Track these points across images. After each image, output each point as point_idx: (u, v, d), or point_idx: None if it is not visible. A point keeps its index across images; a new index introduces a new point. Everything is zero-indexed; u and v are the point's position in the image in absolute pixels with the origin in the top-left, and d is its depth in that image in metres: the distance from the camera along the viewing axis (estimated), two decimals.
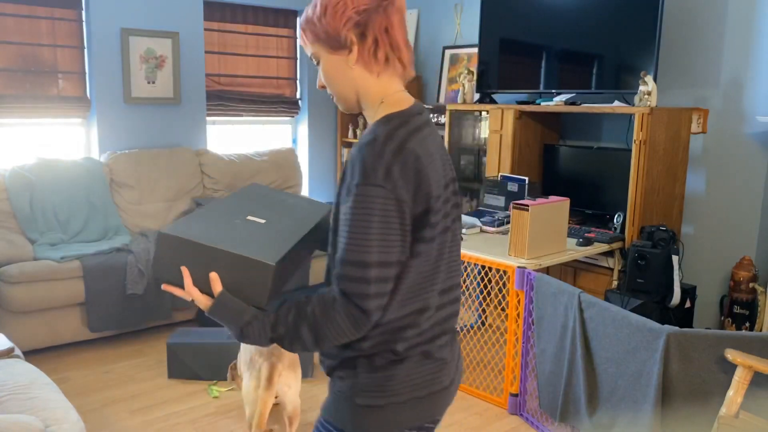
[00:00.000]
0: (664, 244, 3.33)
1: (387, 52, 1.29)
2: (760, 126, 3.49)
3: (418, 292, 1.27)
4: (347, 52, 1.28)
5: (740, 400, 2.11)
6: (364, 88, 1.31)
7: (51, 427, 1.94)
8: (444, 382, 1.33)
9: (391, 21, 1.28)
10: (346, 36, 1.27)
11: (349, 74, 1.30)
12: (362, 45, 1.27)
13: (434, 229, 1.25)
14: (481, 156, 4.54)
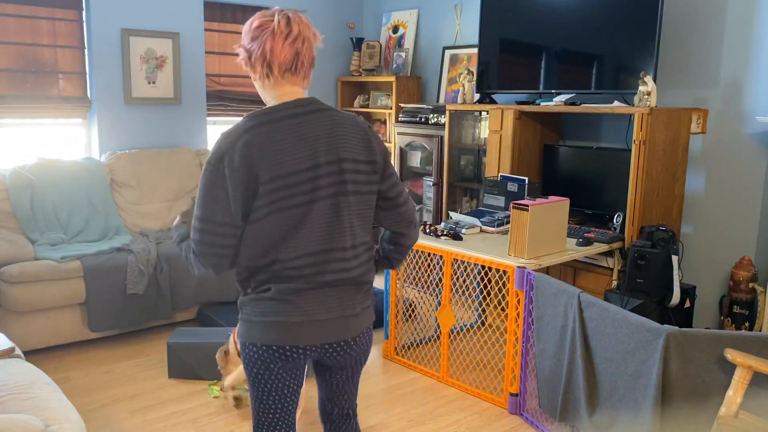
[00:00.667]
0: (664, 244, 3.33)
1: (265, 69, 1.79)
2: (760, 126, 3.49)
3: (268, 248, 1.65)
4: (250, 70, 1.84)
5: (740, 400, 2.11)
6: (261, 94, 1.84)
7: (51, 426, 1.94)
8: (292, 318, 1.68)
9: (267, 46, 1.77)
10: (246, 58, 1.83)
11: (256, 84, 1.84)
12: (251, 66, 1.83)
13: (265, 204, 1.62)
14: (481, 156, 4.54)
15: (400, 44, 5.46)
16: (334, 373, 1.87)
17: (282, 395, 1.76)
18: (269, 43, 1.75)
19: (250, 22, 1.79)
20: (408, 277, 4.83)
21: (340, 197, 1.69)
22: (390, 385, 3.39)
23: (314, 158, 1.66)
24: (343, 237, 1.71)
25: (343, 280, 1.72)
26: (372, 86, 5.69)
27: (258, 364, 1.72)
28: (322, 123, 1.70)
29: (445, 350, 3.40)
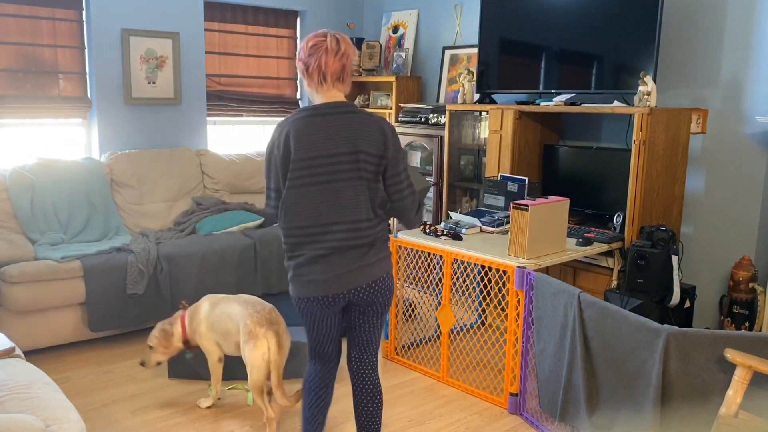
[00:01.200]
0: (664, 244, 3.33)
1: (320, 78, 2.23)
2: (760, 126, 3.49)
3: (293, 216, 2.20)
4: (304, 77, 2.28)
5: (739, 400, 2.11)
6: (313, 97, 2.30)
7: (51, 426, 1.94)
8: (320, 276, 2.20)
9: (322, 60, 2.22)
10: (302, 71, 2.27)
11: (309, 90, 2.30)
12: (308, 76, 2.26)
13: (294, 178, 2.17)
14: (481, 156, 4.55)
15: (400, 44, 5.46)
16: (362, 314, 2.33)
17: (326, 328, 2.34)
18: (324, 59, 2.21)
19: (306, 41, 2.24)
20: (408, 277, 4.83)
21: (354, 180, 2.17)
22: (390, 385, 3.39)
23: (336, 148, 2.16)
24: (358, 210, 2.19)
25: (359, 245, 2.21)
26: (372, 86, 5.69)
27: (306, 311, 2.28)
28: (349, 121, 2.18)
29: (445, 350, 3.40)
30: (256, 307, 2.86)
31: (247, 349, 2.76)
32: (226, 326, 2.92)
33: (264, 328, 2.78)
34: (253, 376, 2.76)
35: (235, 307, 2.91)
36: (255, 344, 2.75)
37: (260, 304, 2.90)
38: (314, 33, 2.24)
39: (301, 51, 2.25)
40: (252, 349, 2.75)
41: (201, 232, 4.28)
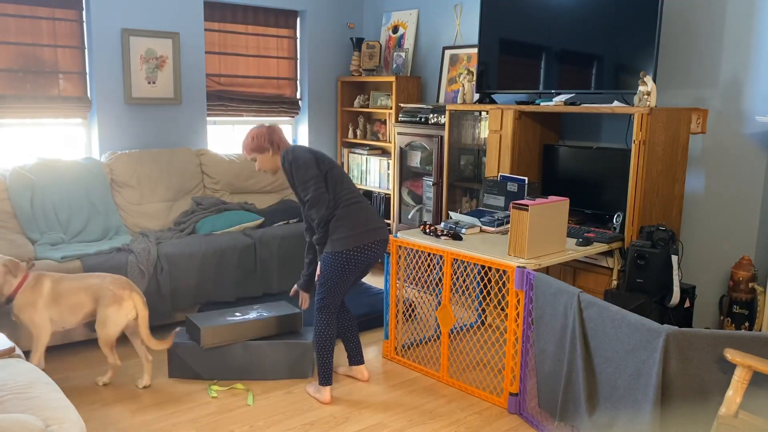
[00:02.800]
0: (664, 243, 3.33)
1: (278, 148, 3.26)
2: (760, 126, 3.49)
3: (336, 189, 3.14)
4: (268, 152, 3.23)
5: (739, 400, 2.11)
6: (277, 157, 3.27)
7: (51, 426, 1.94)
8: (367, 226, 3.16)
9: (274, 136, 3.25)
10: (267, 147, 3.22)
11: (272, 157, 3.25)
12: (273, 148, 3.24)
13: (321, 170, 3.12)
14: (481, 156, 4.55)
15: (400, 44, 5.46)
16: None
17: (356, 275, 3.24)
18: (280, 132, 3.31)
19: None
20: (408, 277, 4.83)
21: (335, 170, 3.20)
22: (390, 385, 3.39)
23: (319, 158, 3.18)
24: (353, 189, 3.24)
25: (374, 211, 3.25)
26: (372, 86, 5.69)
27: (359, 259, 3.12)
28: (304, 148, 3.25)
29: (445, 350, 3.40)
30: (113, 276, 3.26)
31: (112, 311, 3.17)
32: (77, 299, 3.18)
33: (128, 291, 3.22)
34: (110, 331, 3.20)
35: (91, 280, 3.22)
36: (121, 305, 3.19)
37: (115, 275, 3.29)
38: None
39: (266, 133, 3.23)
40: (118, 309, 3.18)
41: (201, 232, 4.28)
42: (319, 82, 5.64)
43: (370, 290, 4.56)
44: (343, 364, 3.57)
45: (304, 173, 3.04)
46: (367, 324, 4.11)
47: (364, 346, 3.87)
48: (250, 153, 3.21)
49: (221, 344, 3.33)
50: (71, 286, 3.20)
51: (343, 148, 5.78)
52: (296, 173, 3.06)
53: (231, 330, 3.33)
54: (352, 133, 5.73)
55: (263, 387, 3.34)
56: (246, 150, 3.22)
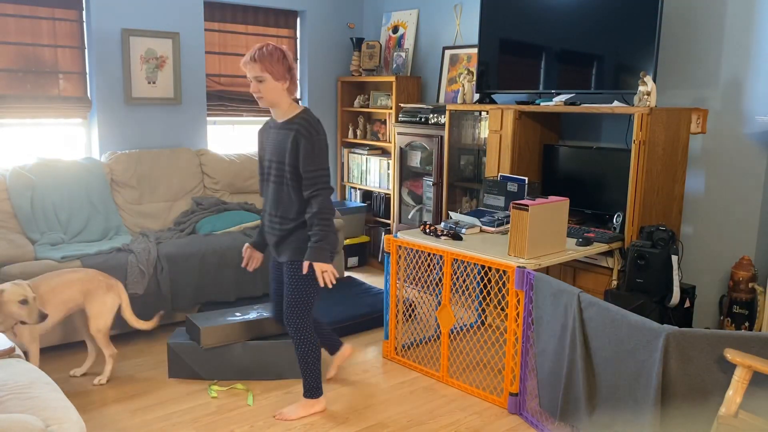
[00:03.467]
0: (664, 243, 3.33)
1: (294, 85, 2.80)
2: (760, 126, 3.49)
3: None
4: (284, 82, 2.75)
5: (739, 400, 2.11)
6: (283, 100, 2.80)
7: (51, 426, 1.94)
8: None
9: (295, 70, 2.80)
10: (285, 75, 2.74)
11: (281, 92, 2.77)
12: (291, 81, 2.77)
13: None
14: (481, 156, 4.55)
15: (400, 44, 5.46)
16: None
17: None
18: (296, 68, 2.88)
19: (284, 49, 2.75)
20: (408, 277, 4.83)
21: None
22: (390, 385, 3.39)
23: None
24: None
25: None
26: (372, 86, 5.69)
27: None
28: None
29: (445, 350, 3.40)
30: (87, 269, 3.32)
31: (104, 301, 3.26)
32: (64, 296, 3.19)
33: (113, 281, 3.35)
34: (108, 319, 3.27)
35: (73, 275, 3.24)
36: (113, 291, 3.30)
37: (85, 268, 3.35)
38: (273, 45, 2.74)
39: (287, 57, 2.74)
40: (112, 296, 3.30)
41: (201, 232, 4.28)
42: (319, 82, 5.64)
43: (371, 290, 4.56)
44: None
45: (323, 157, 2.74)
46: (367, 324, 4.11)
47: (364, 346, 3.87)
48: (261, 71, 2.68)
49: (221, 344, 3.33)
50: (52, 286, 3.17)
51: (343, 148, 5.78)
52: (315, 150, 2.71)
53: (231, 330, 3.33)
54: (352, 133, 5.73)
55: (263, 387, 3.34)
56: (258, 62, 2.68)
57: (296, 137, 2.71)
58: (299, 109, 2.80)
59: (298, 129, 2.72)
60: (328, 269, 2.75)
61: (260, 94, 2.72)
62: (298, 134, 2.71)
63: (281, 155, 2.77)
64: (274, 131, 2.83)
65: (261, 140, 2.95)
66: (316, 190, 2.72)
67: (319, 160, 2.71)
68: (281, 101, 2.76)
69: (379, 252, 5.50)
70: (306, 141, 2.70)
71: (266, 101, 2.75)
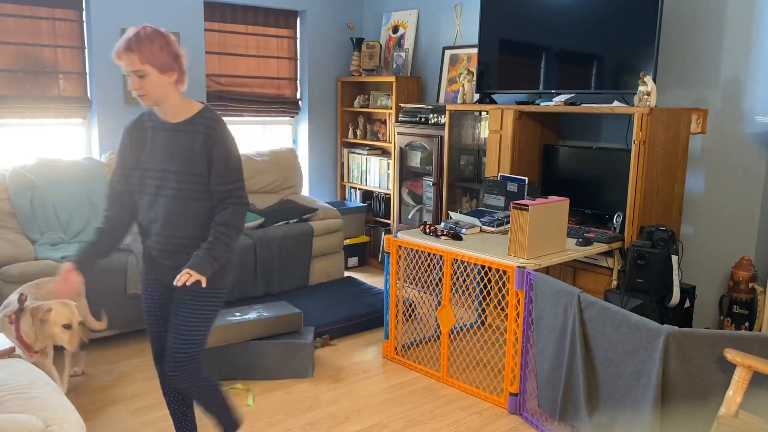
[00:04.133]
0: (664, 243, 3.33)
1: (184, 75, 2.26)
2: (760, 126, 3.49)
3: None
4: (171, 74, 2.20)
5: (739, 400, 2.11)
6: (172, 95, 2.24)
7: (51, 426, 1.94)
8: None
9: (183, 57, 2.24)
10: (173, 65, 2.19)
11: (169, 86, 2.21)
12: (180, 71, 2.23)
13: None
14: (481, 156, 4.55)
15: (400, 44, 5.46)
16: None
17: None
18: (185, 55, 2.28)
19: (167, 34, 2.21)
20: (408, 277, 4.83)
21: None
22: (390, 385, 3.39)
23: None
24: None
25: None
26: (372, 86, 5.69)
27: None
28: None
29: (445, 350, 3.40)
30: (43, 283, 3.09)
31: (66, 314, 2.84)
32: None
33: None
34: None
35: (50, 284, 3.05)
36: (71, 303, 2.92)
37: (37, 282, 3.10)
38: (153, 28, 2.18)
39: (170, 43, 2.19)
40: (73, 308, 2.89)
41: None
42: (319, 82, 5.64)
43: (371, 290, 4.57)
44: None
45: (238, 166, 2.27)
46: (367, 324, 4.11)
47: (364, 346, 3.87)
48: (142, 63, 2.13)
49: (221, 344, 3.33)
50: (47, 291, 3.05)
51: (343, 148, 5.78)
52: (230, 159, 2.24)
53: (231, 330, 3.33)
54: (352, 133, 5.73)
55: (263, 387, 3.34)
56: (136, 52, 2.13)
57: (206, 142, 2.21)
58: (198, 106, 2.29)
59: (208, 132, 2.21)
60: (197, 278, 2.17)
61: (142, 91, 2.17)
62: (209, 139, 2.21)
63: (184, 163, 2.22)
64: (166, 133, 2.26)
65: (131, 142, 2.32)
66: (229, 204, 2.24)
67: (235, 170, 2.25)
68: (170, 97, 2.22)
69: (379, 252, 5.50)
70: (220, 148, 2.21)
71: (150, 99, 2.20)
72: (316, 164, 5.74)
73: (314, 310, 4.10)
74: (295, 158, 5.21)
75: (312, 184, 5.74)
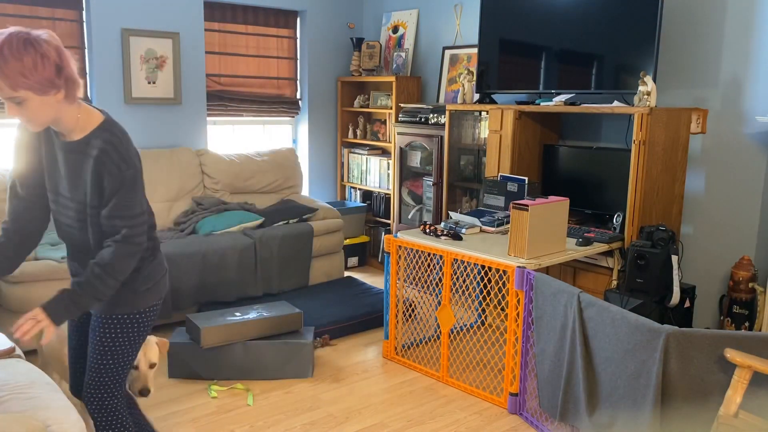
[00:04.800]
0: (664, 243, 3.33)
1: (74, 85, 1.81)
2: (760, 126, 3.49)
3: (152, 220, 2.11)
4: (56, 91, 1.76)
5: (739, 400, 2.11)
6: (66, 112, 1.83)
7: (51, 426, 1.94)
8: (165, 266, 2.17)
9: (66, 64, 1.78)
10: (55, 82, 1.74)
11: (57, 105, 1.79)
12: (67, 84, 1.78)
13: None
14: (481, 156, 4.55)
15: (400, 44, 5.46)
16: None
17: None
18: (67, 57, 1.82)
19: (58, 42, 1.79)
20: (408, 277, 4.83)
21: None
22: (390, 384, 3.39)
23: None
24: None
25: None
26: (372, 86, 5.69)
27: (153, 318, 2.11)
28: None
29: (445, 350, 3.40)
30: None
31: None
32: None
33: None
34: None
35: None
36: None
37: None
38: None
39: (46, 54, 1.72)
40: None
41: (201, 232, 4.28)
42: (319, 82, 5.64)
43: (371, 290, 4.57)
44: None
45: (133, 200, 1.89)
46: (367, 324, 4.11)
47: (364, 346, 3.87)
48: (13, 89, 1.70)
49: (221, 344, 3.33)
50: None
51: (343, 148, 5.78)
52: (123, 190, 1.87)
53: (231, 330, 3.33)
54: (352, 133, 5.73)
55: (263, 387, 3.34)
56: (3, 78, 1.68)
57: (97, 169, 1.85)
58: (95, 118, 1.90)
59: (100, 156, 1.84)
60: (45, 326, 1.82)
61: (24, 118, 1.77)
62: (100, 164, 1.84)
63: (79, 193, 1.91)
64: (63, 154, 1.91)
65: (29, 155, 1.97)
66: (113, 242, 1.88)
67: (127, 205, 1.87)
68: (64, 116, 1.83)
69: (379, 252, 5.50)
70: (111, 177, 1.85)
71: (39, 125, 1.80)
72: (316, 164, 5.74)
73: (314, 310, 4.10)
74: (295, 158, 5.21)
75: (312, 184, 5.74)
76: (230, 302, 4.18)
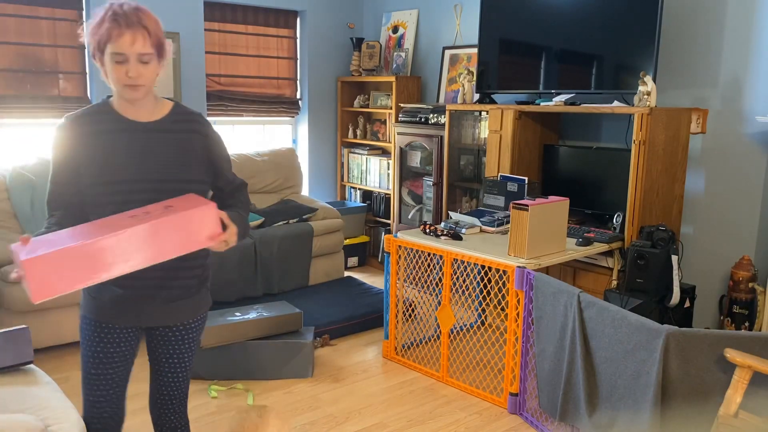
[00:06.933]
0: (664, 243, 3.33)
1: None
2: (760, 126, 3.49)
3: None
4: (161, 60, 1.80)
5: (739, 400, 2.11)
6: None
7: (51, 426, 1.94)
8: None
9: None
10: (165, 47, 1.81)
11: (155, 76, 1.81)
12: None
13: None
14: (481, 156, 4.55)
15: (400, 44, 5.46)
16: None
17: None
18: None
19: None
20: (408, 277, 4.83)
21: None
22: (390, 384, 3.39)
23: None
24: None
25: None
26: (372, 86, 5.69)
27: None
28: None
29: (445, 350, 3.40)
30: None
31: None
32: None
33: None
34: None
35: None
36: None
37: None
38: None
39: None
40: None
41: None
42: (319, 82, 5.64)
43: (371, 290, 4.57)
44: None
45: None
46: (367, 324, 4.11)
47: (364, 346, 3.87)
48: (154, 46, 1.75)
49: (221, 344, 3.33)
50: None
51: (343, 148, 5.78)
52: (221, 143, 1.94)
53: (231, 330, 3.33)
54: (352, 133, 5.73)
55: (263, 387, 3.34)
56: (146, 31, 1.75)
57: (204, 141, 1.87)
58: (165, 100, 1.90)
59: (199, 129, 1.86)
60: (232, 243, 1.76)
61: (141, 80, 1.74)
62: (202, 136, 1.86)
63: (180, 170, 1.80)
64: (139, 135, 1.80)
65: (82, 147, 1.80)
66: (243, 186, 1.99)
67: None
68: (152, 90, 1.83)
69: (379, 252, 5.50)
70: (218, 144, 1.91)
71: (143, 92, 1.77)
72: (316, 164, 5.74)
73: (314, 310, 4.11)
74: (295, 158, 5.21)
75: (312, 184, 5.74)
76: (230, 302, 4.18)
